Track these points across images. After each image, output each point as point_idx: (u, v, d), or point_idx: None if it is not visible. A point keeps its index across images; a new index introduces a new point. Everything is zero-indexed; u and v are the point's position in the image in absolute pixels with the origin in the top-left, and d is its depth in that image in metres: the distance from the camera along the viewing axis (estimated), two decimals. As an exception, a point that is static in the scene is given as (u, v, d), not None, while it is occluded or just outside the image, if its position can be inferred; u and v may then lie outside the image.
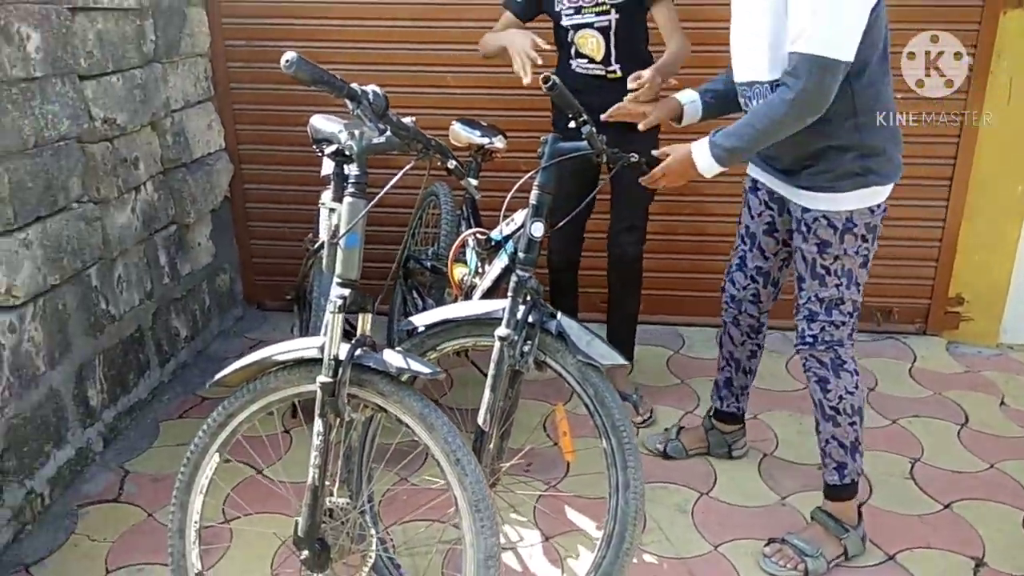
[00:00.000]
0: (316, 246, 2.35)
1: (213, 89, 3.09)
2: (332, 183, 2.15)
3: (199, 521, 1.64)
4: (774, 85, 1.74)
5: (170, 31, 2.74)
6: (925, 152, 3.02)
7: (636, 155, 1.87)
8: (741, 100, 1.92)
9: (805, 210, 1.86)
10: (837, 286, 1.88)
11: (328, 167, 2.22)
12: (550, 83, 1.67)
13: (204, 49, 3.00)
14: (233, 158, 3.21)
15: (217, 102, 3.12)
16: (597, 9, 2.31)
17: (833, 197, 1.81)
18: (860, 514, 2.05)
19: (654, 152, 1.91)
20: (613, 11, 2.29)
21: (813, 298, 1.91)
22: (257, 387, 1.60)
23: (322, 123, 2.15)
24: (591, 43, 2.35)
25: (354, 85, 1.44)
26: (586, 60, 2.39)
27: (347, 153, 1.61)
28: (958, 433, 2.59)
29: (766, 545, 2.03)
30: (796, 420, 2.63)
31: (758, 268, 2.12)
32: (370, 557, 1.57)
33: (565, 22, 2.36)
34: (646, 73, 1.98)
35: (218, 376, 1.61)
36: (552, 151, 1.81)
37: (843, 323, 1.91)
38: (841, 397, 1.93)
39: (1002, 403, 2.78)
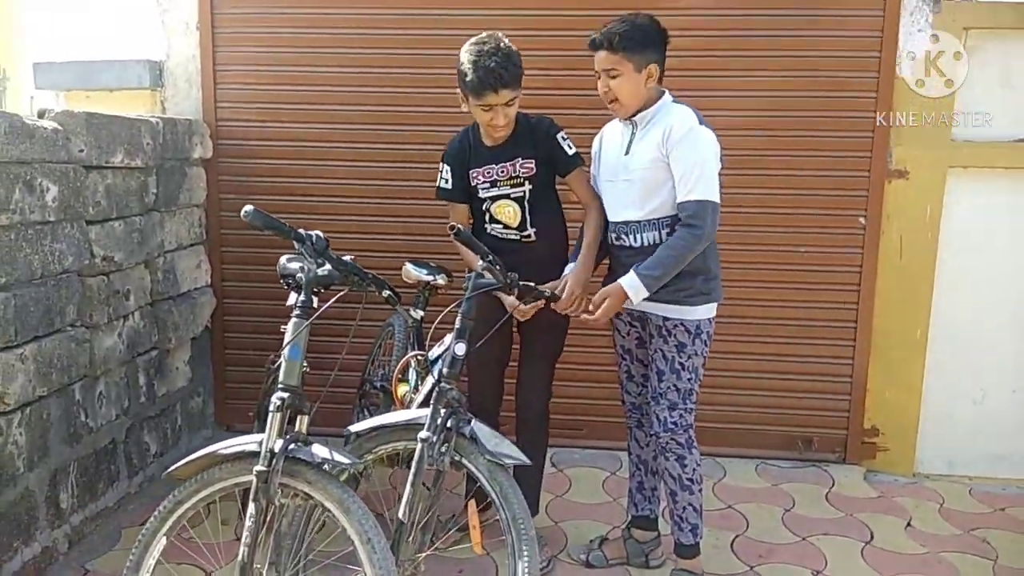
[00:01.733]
0: (276, 365, 2.67)
1: (205, 234, 3.53)
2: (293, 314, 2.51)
3: (144, 599, 1.86)
4: (644, 223, 2.32)
5: (170, 186, 3.21)
6: (831, 298, 3.43)
7: (540, 287, 2.26)
8: (613, 235, 2.41)
9: (666, 319, 2.31)
10: (689, 380, 2.35)
11: (292, 298, 2.59)
12: (456, 231, 2.07)
13: (200, 201, 3.47)
14: (217, 293, 3.60)
15: (208, 245, 3.55)
16: (512, 182, 2.50)
17: (688, 309, 2.31)
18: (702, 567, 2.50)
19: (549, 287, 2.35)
20: (527, 183, 2.49)
21: (672, 388, 2.33)
22: (203, 478, 1.87)
23: (287, 263, 2.53)
24: (508, 211, 2.52)
25: (300, 230, 1.83)
26: (501, 226, 2.55)
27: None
28: (862, 550, 2.80)
29: None
30: (713, 536, 2.85)
31: (643, 375, 2.50)
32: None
33: (482, 194, 2.53)
34: (567, 291, 2.36)
35: (171, 469, 1.90)
36: (473, 285, 2.20)
37: (692, 410, 2.39)
38: (694, 469, 2.40)
39: (908, 524, 3.01)
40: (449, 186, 2.58)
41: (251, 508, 1.77)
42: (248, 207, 1.69)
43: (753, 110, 3.33)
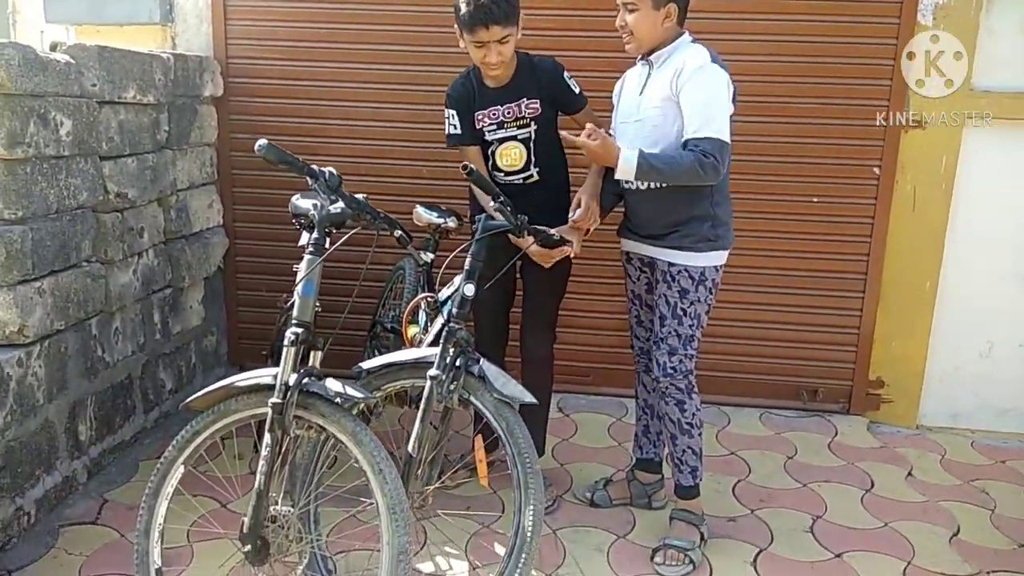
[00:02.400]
0: (289, 304, 2.70)
1: (217, 174, 3.53)
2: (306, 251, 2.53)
3: (163, 523, 1.93)
4: None
5: (182, 124, 3.20)
6: (841, 250, 3.42)
7: (549, 229, 2.26)
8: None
9: (671, 264, 2.31)
10: (691, 326, 2.35)
11: (304, 238, 2.61)
12: (468, 170, 2.07)
13: (212, 140, 3.47)
14: (229, 233, 3.61)
15: (219, 185, 3.56)
16: (518, 123, 2.52)
17: (693, 256, 2.29)
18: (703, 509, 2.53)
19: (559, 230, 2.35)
20: (532, 123, 2.51)
21: (672, 333, 2.34)
22: (220, 409, 1.92)
23: (299, 201, 2.55)
24: (514, 153, 2.53)
25: (313, 166, 1.83)
26: (502, 173, 2.58)
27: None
28: (861, 498, 2.85)
29: (653, 555, 2.37)
30: (715, 480, 2.90)
31: (651, 320, 2.50)
32: (305, 555, 1.84)
33: (489, 137, 2.54)
34: (583, 205, 2.36)
35: (188, 400, 1.94)
36: (483, 227, 2.22)
37: (692, 356, 2.39)
38: (694, 414, 2.42)
39: (909, 474, 3.05)
40: (459, 131, 2.56)
41: (266, 438, 1.82)
42: (262, 141, 1.70)
43: (772, 55, 3.28)
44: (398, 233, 2.14)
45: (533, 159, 2.55)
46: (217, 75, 3.45)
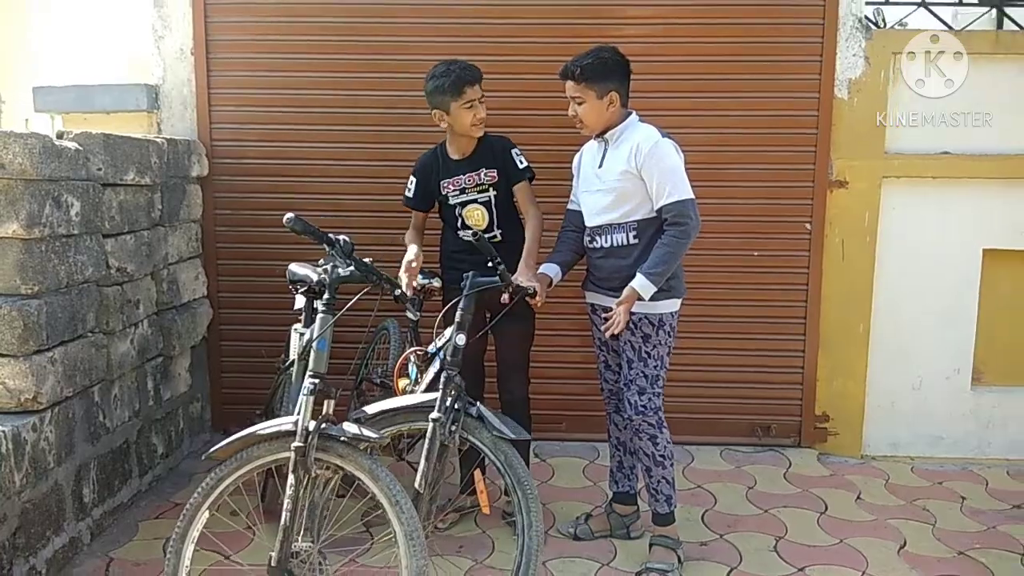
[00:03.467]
0: (287, 364, 2.89)
1: (202, 248, 3.73)
2: (304, 314, 2.76)
3: (189, 566, 2.07)
4: (613, 226, 2.63)
5: (173, 202, 3.41)
6: (783, 297, 3.79)
7: (524, 284, 2.56)
8: (587, 238, 2.72)
9: (632, 313, 2.58)
10: (655, 367, 2.63)
11: (300, 302, 2.84)
12: (476, 236, 2.36)
13: (198, 216, 3.68)
14: (213, 304, 3.79)
15: (204, 258, 3.75)
16: (478, 189, 2.87)
17: (652, 304, 2.58)
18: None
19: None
20: (491, 189, 2.87)
21: (640, 375, 2.62)
22: (243, 456, 2.09)
23: (297, 268, 2.79)
24: (476, 215, 2.89)
25: (330, 234, 2.09)
26: (470, 231, 2.89)
27: (316, 290, 2.23)
28: (817, 519, 3.13)
29: None
30: (686, 510, 3.14)
31: (618, 364, 2.78)
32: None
33: (452, 201, 2.89)
34: (539, 291, 2.62)
35: (212, 449, 2.11)
36: (472, 283, 2.48)
37: (660, 393, 2.66)
38: (665, 446, 2.68)
39: (858, 497, 3.35)
40: (412, 196, 3.00)
41: (290, 479, 2.00)
42: (289, 214, 1.95)
43: (710, 128, 3.69)
44: (398, 292, 2.38)
45: (496, 221, 2.90)
46: (203, 157, 3.69)
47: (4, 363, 2.44)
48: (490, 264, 2.46)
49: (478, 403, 2.34)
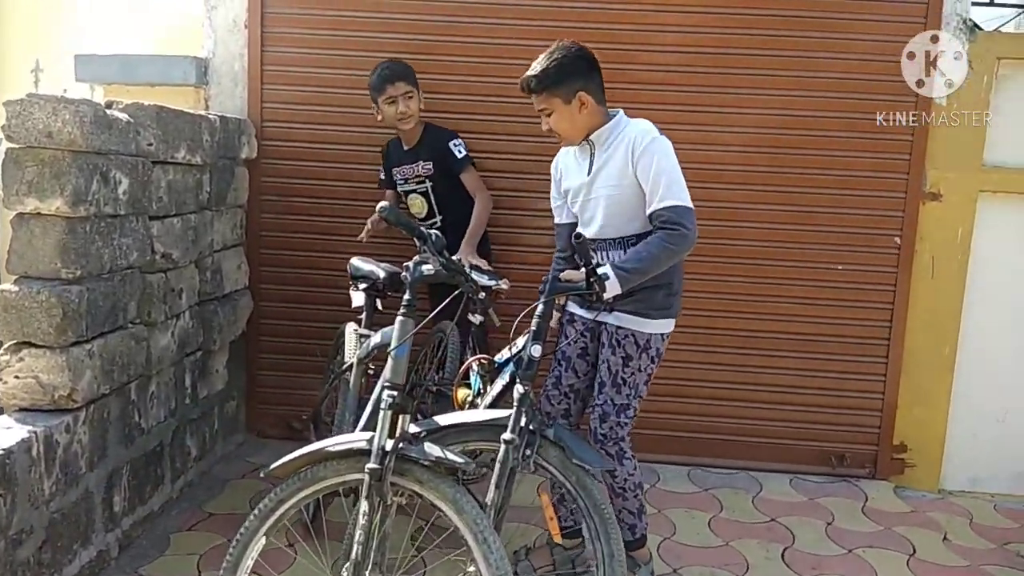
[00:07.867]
0: (343, 368, 2.63)
1: (245, 236, 3.49)
2: (364, 313, 2.50)
3: (244, 600, 1.82)
4: (609, 242, 2.34)
5: (221, 185, 3.17)
6: (866, 316, 3.50)
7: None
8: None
9: (619, 327, 2.31)
10: (628, 395, 2.36)
11: (359, 300, 2.58)
12: (580, 238, 2.07)
13: (243, 201, 3.43)
14: (253, 296, 3.54)
15: (246, 247, 3.51)
16: (416, 180, 3.15)
17: (643, 321, 2.31)
18: (650, 554, 2.56)
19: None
20: (427, 180, 3.12)
21: (608, 401, 2.34)
22: (307, 475, 1.85)
23: (361, 263, 2.54)
24: (417, 202, 3.17)
25: (423, 229, 1.84)
26: (415, 218, 3.17)
27: (379, 288, 1.98)
28: (907, 562, 2.86)
29: None
30: (763, 547, 2.88)
31: (571, 386, 2.50)
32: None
33: (399, 189, 3.21)
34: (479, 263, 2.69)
35: (273, 466, 1.87)
36: (552, 287, 2.21)
37: (626, 424, 2.37)
38: (625, 479, 2.40)
39: (945, 538, 3.08)
40: (382, 177, 3.30)
41: (362, 506, 1.75)
42: (383, 203, 1.71)
43: (798, 129, 3.42)
44: (482, 294, 2.13)
45: (436, 209, 3.16)
46: (252, 138, 3.44)
47: (39, 355, 2.21)
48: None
49: (554, 424, 2.08)
